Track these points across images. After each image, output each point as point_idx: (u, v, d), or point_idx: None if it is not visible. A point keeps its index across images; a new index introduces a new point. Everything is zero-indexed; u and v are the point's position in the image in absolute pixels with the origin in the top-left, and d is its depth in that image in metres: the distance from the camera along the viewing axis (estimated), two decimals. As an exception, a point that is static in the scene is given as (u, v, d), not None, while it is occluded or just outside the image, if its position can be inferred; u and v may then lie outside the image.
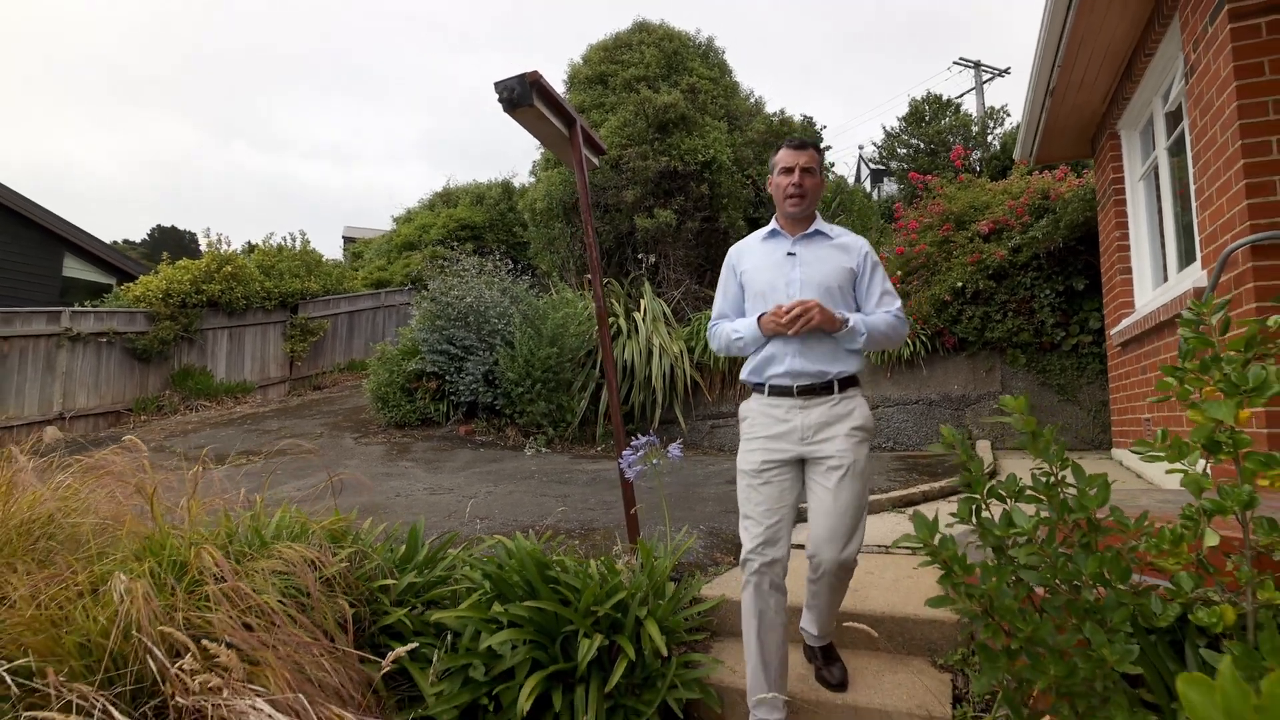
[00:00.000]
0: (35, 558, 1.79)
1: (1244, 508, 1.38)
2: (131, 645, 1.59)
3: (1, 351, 8.36)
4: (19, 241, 14.05)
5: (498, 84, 2.52)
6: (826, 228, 2.24)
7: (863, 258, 2.20)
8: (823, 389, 2.08)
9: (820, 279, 2.13)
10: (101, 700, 1.36)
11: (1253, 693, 0.55)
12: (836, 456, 2.01)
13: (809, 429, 2.05)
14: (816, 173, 2.18)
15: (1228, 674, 0.56)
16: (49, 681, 1.39)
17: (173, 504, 2.11)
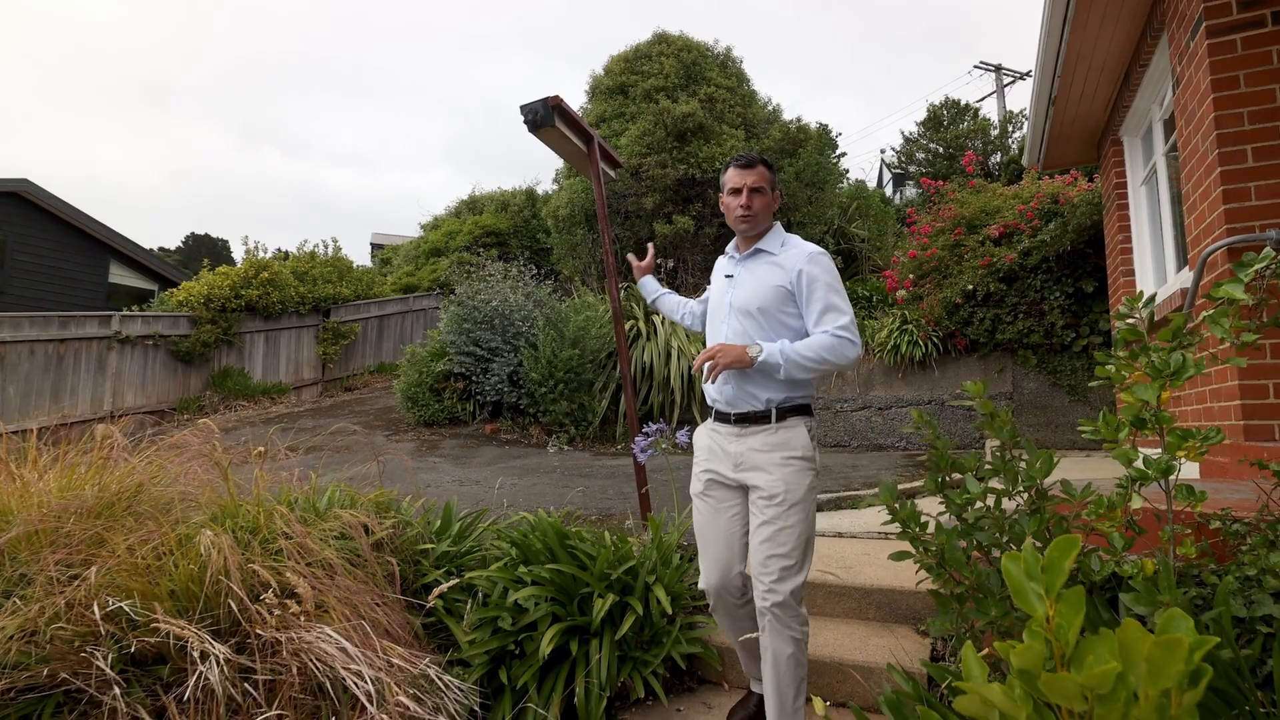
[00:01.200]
0: (130, 520, 2.10)
1: (1163, 475, 1.60)
2: (215, 590, 1.88)
3: (59, 353, 8.87)
4: (69, 249, 14.76)
5: (523, 107, 2.80)
6: (774, 244, 2.13)
7: (797, 274, 2.03)
8: (759, 418, 2.01)
9: (748, 301, 2.08)
10: (196, 631, 1.65)
11: (1039, 557, 0.78)
12: (767, 487, 1.95)
13: (742, 456, 2.00)
14: (766, 191, 2.12)
15: (1029, 550, 0.80)
16: (155, 615, 1.69)
17: (236, 481, 2.41)
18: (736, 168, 2.14)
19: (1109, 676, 0.68)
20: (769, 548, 1.92)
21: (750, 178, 2.10)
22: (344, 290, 12.50)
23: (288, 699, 1.67)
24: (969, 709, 0.77)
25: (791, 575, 1.92)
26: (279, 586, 1.75)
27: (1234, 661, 1.44)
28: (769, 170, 2.15)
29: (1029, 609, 0.77)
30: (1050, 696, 0.71)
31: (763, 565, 1.92)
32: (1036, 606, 0.77)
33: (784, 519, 1.93)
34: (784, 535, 1.92)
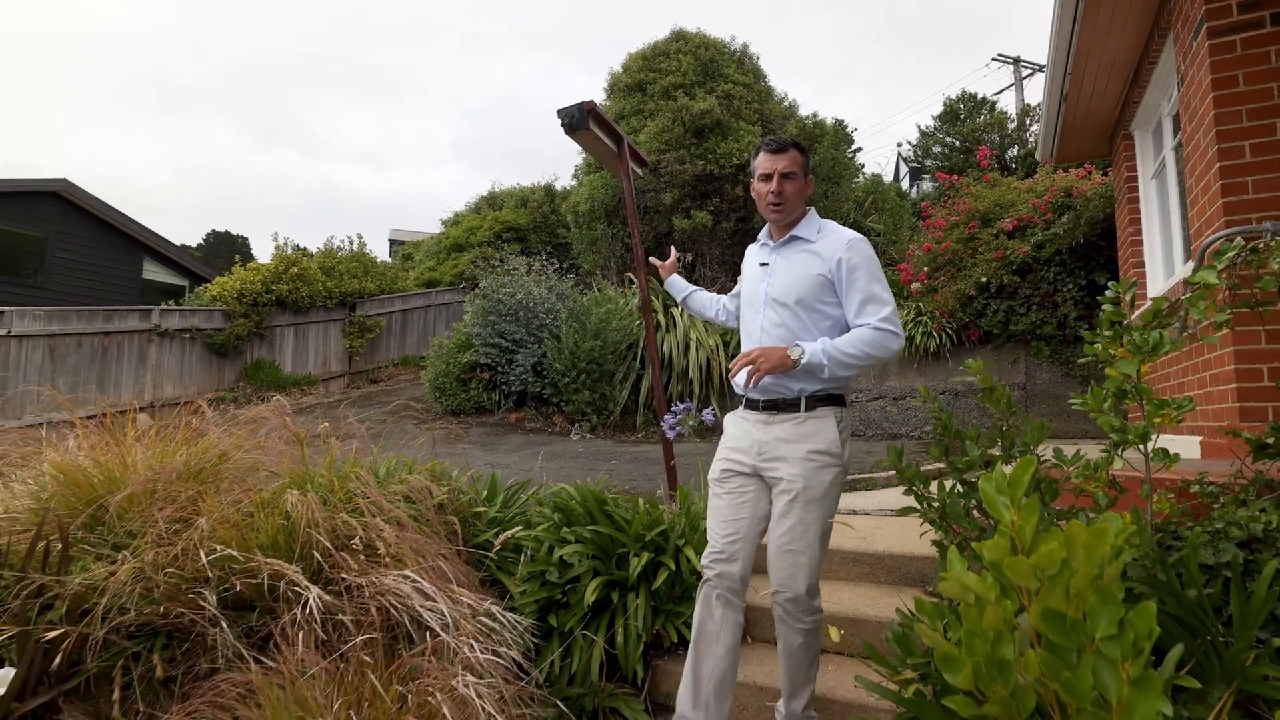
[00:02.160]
0: (221, 483, 2.37)
1: (1141, 439, 1.81)
2: (301, 542, 2.15)
3: (104, 345, 9.26)
4: (106, 247, 15.25)
5: (560, 111, 3.03)
6: (810, 230, 2.07)
7: (836, 263, 1.98)
8: (788, 406, 1.96)
9: (785, 292, 2.02)
10: (295, 570, 1.91)
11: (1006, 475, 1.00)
12: (787, 480, 1.90)
13: (766, 445, 1.96)
14: (799, 176, 2.03)
15: (999, 471, 1.02)
16: (257, 558, 1.95)
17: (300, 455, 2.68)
18: (767, 152, 2.04)
19: (1055, 558, 0.90)
20: (783, 542, 1.88)
21: (781, 163, 2.01)
22: (369, 285, 12.84)
23: (369, 635, 1.92)
24: (950, 592, 0.99)
25: (804, 570, 1.87)
26: (358, 539, 2.01)
27: (1199, 599, 1.66)
28: (801, 154, 2.06)
29: (998, 516, 0.99)
30: (1012, 578, 0.93)
31: (777, 559, 1.89)
32: (1003, 513, 0.99)
33: (802, 514, 1.88)
34: (798, 531, 1.87)
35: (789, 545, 1.88)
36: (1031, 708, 0.93)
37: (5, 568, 2.13)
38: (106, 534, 2.37)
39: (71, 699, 2.12)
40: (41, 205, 14.62)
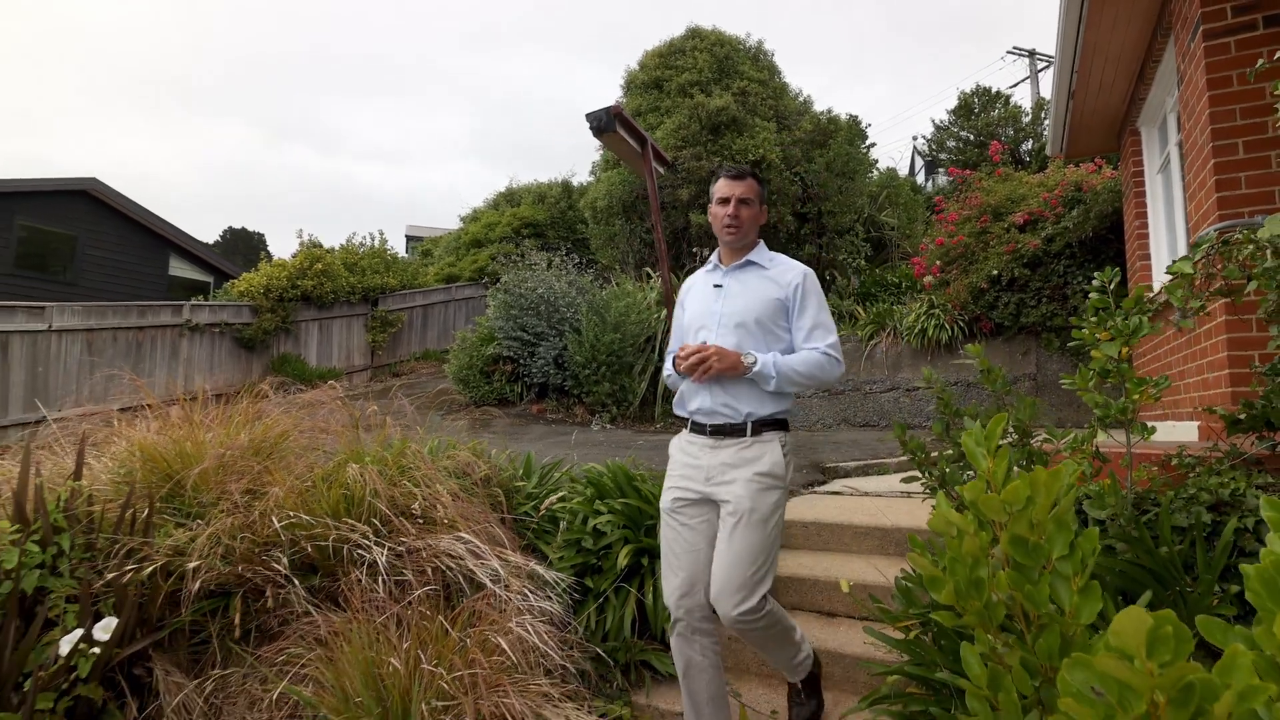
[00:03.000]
0: (285, 458, 2.61)
1: (1122, 414, 2.01)
2: (360, 510, 2.38)
3: (138, 340, 9.62)
4: (134, 245, 15.67)
5: (589, 115, 3.24)
6: (764, 258, 2.17)
7: (793, 289, 2.09)
8: (735, 430, 2.02)
9: (740, 312, 2.07)
10: (364, 530, 2.15)
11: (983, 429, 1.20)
12: (734, 502, 1.95)
13: (714, 469, 2.01)
14: (754, 203, 2.13)
15: (976, 427, 1.23)
16: (327, 522, 2.19)
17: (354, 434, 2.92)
18: (726, 178, 2.14)
19: (1020, 495, 1.10)
20: (730, 568, 1.92)
21: (739, 189, 2.11)
22: (391, 280, 13.13)
23: (425, 591, 2.16)
24: (937, 526, 1.19)
25: (751, 592, 1.91)
26: (416, 505, 2.24)
27: (1169, 555, 1.86)
28: (758, 184, 2.17)
29: (976, 464, 1.20)
30: (986, 513, 1.14)
31: (725, 580, 1.91)
32: (980, 461, 1.20)
33: (745, 538, 1.92)
34: (744, 555, 1.92)
35: (736, 565, 1.92)
36: (1001, 618, 1.13)
37: (99, 532, 2.39)
38: (183, 505, 2.63)
39: (159, 648, 2.37)
40: (72, 204, 15.05)
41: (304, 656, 2.08)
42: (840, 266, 9.55)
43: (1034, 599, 1.09)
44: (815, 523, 3.15)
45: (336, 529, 2.19)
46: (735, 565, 1.91)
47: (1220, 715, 0.70)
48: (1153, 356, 5.05)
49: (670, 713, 2.24)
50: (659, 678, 2.40)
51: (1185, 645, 0.69)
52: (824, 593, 2.73)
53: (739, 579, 1.91)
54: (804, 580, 2.78)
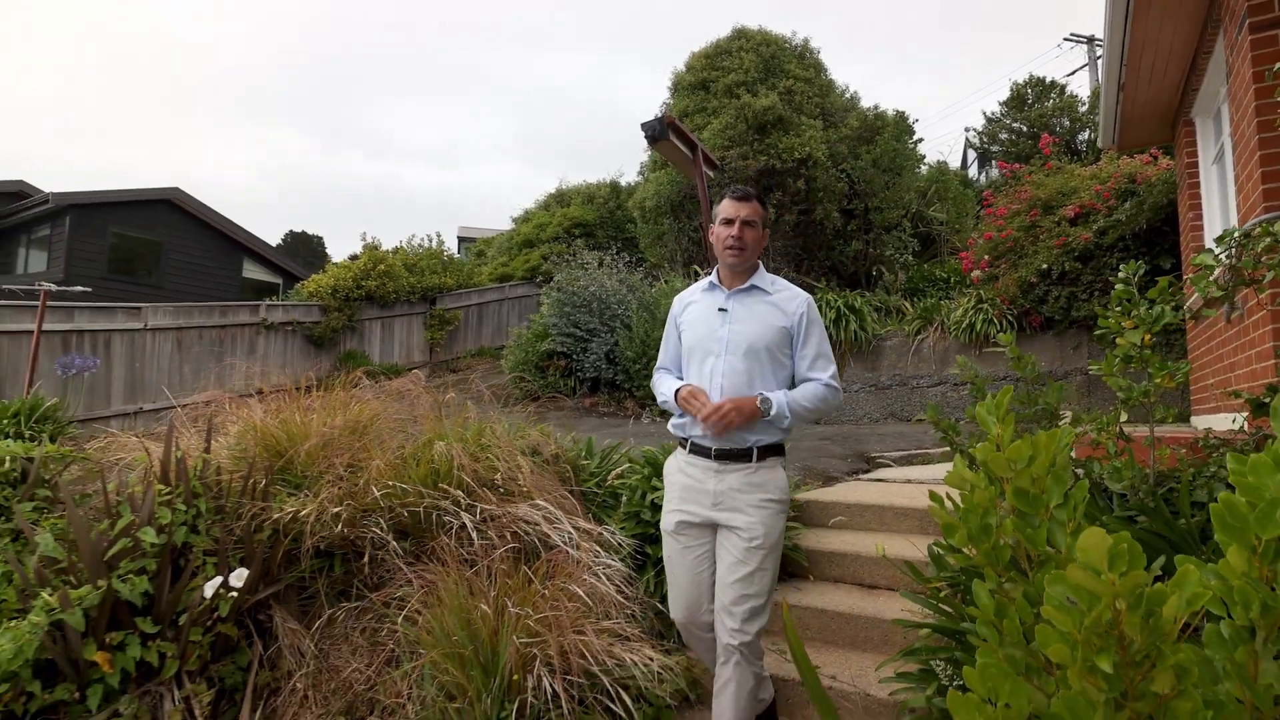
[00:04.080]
0: (379, 437, 2.95)
1: (1144, 396, 2.17)
2: (446, 482, 2.70)
3: (220, 337, 10.33)
4: (211, 249, 16.68)
5: (644, 124, 3.50)
6: (766, 282, 2.19)
7: (798, 317, 2.12)
8: (741, 455, 2.03)
9: (749, 339, 2.07)
10: (454, 496, 2.45)
11: (994, 400, 1.41)
12: (745, 529, 1.97)
13: (721, 494, 2.02)
14: (758, 225, 2.14)
15: (988, 399, 1.43)
16: (422, 490, 2.50)
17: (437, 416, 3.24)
18: (732, 199, 2.14)
19: (1023, 453, 1.31)
20: (741, 588, 1.94)
21: (745, 210, 2.12)
22: (448, 280, 13.68)
23: (506, 550, 2.45)
24: (953, 482, 1.41)
25: (759, 616, 1.97)
26: (499, 476, 2.54)
27: (1186, 526, 2.02)
28: (763, 207, 2.19)
29: (987, 428, 1.41)
30: (994, 470, 1.35)
31: (733, 604, 1.94)
32: (992, 427, 1.41)
33: (759, 562, 1.96)
34: (757, 577, 1.96)
35: (747, 591, 1.95)
36: (1006, 558, 1.34)
37: (227, 498, 2.76)
38: (291, 477, 2.99)
39: (276, 599, 2.74)
40: (156, 212, 16.12)
41: (406, 601, 2.40)
42: (887, 262, 9.59)
43: (1034, 541, 1.30)
44: (857, 504, 3.34)
45: (429, 497, 2.51)
46: (741, 584, 1.95)
47: (1168, 617, 0.92)
48: (1206, 349, 5.03)
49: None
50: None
51: (1139, 560, 0.91)
52: (864, 567, 2.93)
53: (747, 599, 1.95)
54: (846, 555, 2.98)
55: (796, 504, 3.32)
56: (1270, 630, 0.99)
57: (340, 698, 2.51)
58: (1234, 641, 1.00)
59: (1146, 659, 0.97)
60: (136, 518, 2.42)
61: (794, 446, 5.47)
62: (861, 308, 8.26)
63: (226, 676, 2.48)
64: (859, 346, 8.32)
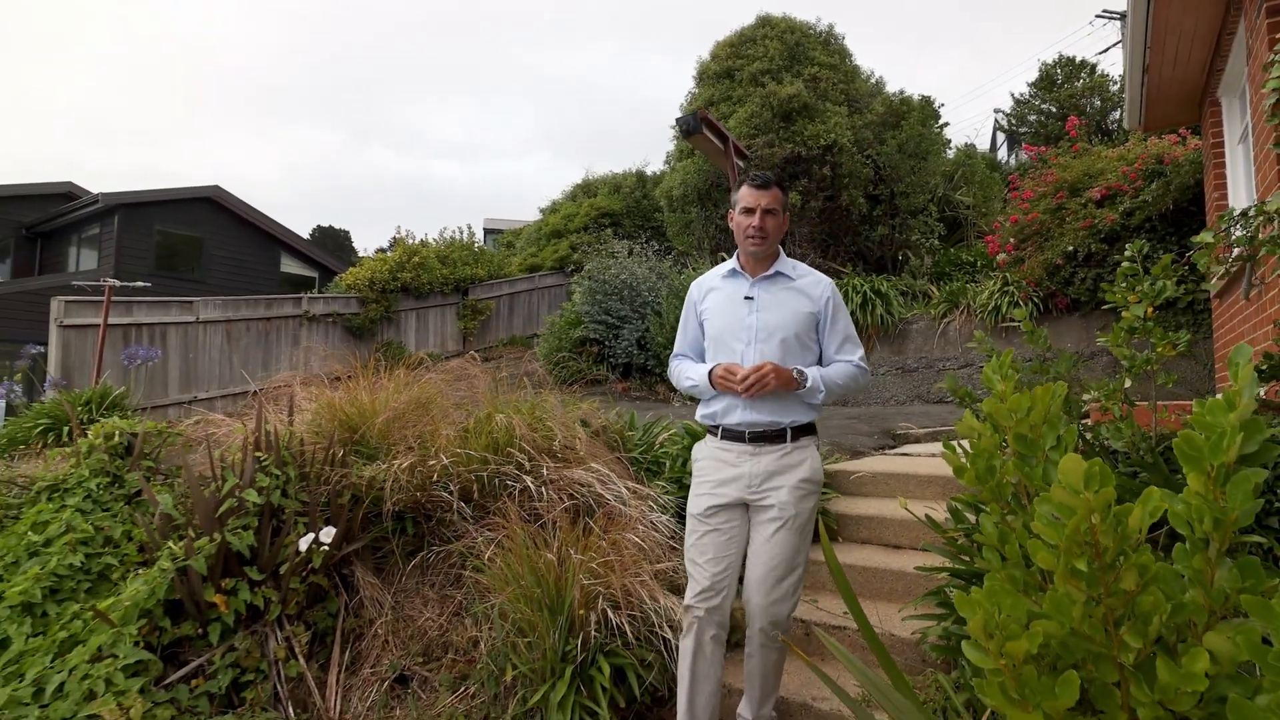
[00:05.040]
0: (443, 413, 3.25)
1: (1146, 364, 2.36)
2: (506, 452, 2.98)
3: (265, 330, 10.80)
4: (250, 245, 17.26)
5: (679, 119, 3.73)
6: (789, 267, 2.19)
7: (824, 302, 2.14)
8: (775, 436, 2.05)
9: (777, 325, 2.09)
10: (517, 462, 2.74)
11: (1000, 360, 1.64)
12: (779, 508, 1.99)
13: (756, 477, 2.03)
14: (779, 213, 2.14)
15: (995, 359, 1.66)
16: (486, 456, 2.79)
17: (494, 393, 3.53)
18: (751, 187, 2.13)
19: (1023, 405, 1.54)
20: (773, 569, 1.98)
21: (765, 199, 2.11)
22: (479, 271, 14.04)
23: (564, 508, 2.73)
24: (963, 431, 1.64)
25: (788, 592, 2.00)
26: (557, 442, 2.82)
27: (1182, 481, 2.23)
28: (783, 193, 2.17)
29: (992, 385, 1.63)
30: (998, 419, 1.58)
31: (764, 585, 1.97)
32: (996, 383, 1.63)
33: (790, 542, 1.99)
34: (789, 559, 1.99)
35: (777, 570, 1.98)
36: (1008, 494, 1.57)
37: (310, 466, 3.08)
38: (363, 449, 3.30)
39: (356, 556, 3.05)
40: (197, 210, 16.73)
41: (475, 554, 2.70)
42: (914, 247, 9.69)
43: (1031, 478, 1.53)
44: (884, 473, 3.56)
45: (492, 463, 2.79)
46: (779, 564, 1.99)
47: (1133, 526, 1.16)
48: (1228, 327, 5.12)
49: (759, 615, 2.75)
50: (749, 590, 2.92)
51: (1109, 480, 1.15)
52: (889, 529, 3.16)
53: (779, 576, 1.99)
54: (872, 518, 3.22)
55: (825, 474, 3.56)
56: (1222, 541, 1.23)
57: (417, 642, 2.82)
58: (1193, 551, 1.24)
59: (1116, 561, 1.21)
60: (240, 481, 2.74)
61: (823, 426, 5.68)
62: (887, 292, 8.40)
63: (319, 621, 2.80)
64: (885, 330, 8.47)
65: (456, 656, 2.71)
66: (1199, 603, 1.26)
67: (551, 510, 2.71)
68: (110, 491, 3.08)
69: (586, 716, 2.21)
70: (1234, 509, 1.23)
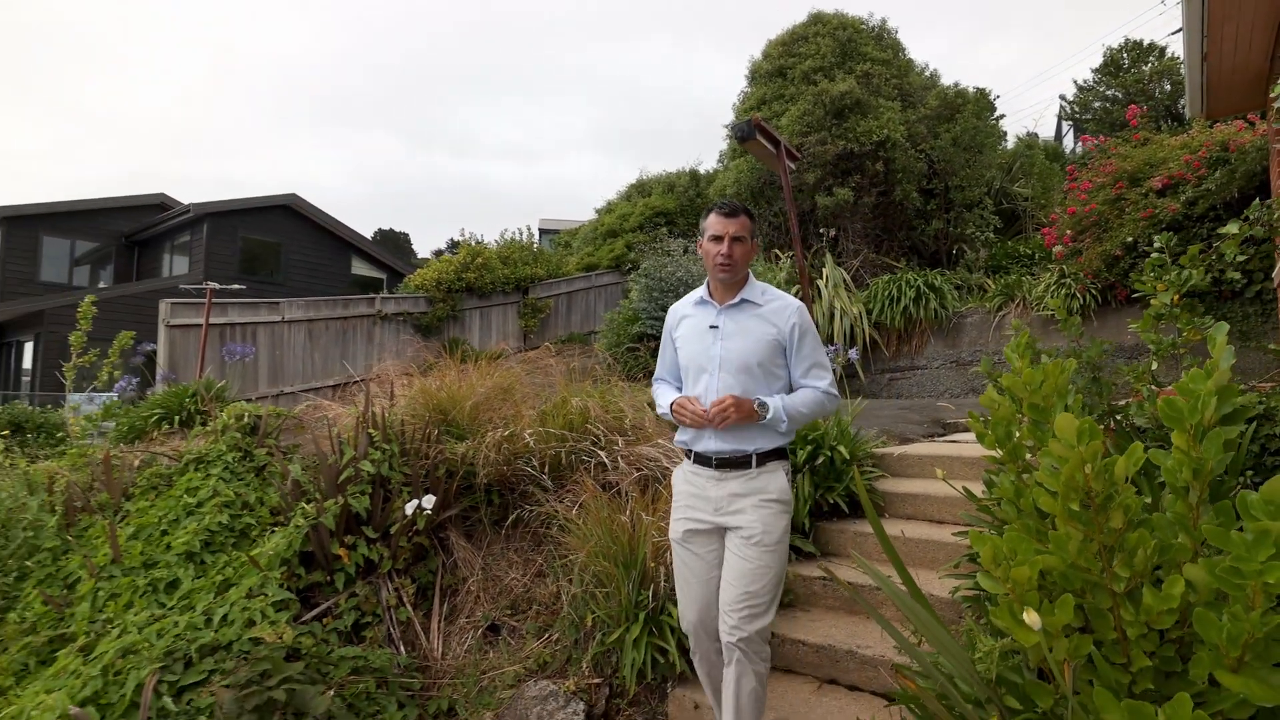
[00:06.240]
0: (523, 397, 3.65)
1: (1172, 347, 2.56)
2: (581, 431, 3.34)
3: (343, 328, 11.55)
4: (324, 249, 18.28)
5: (733, 126, 4.02)
6: (757, 294, 2.20)
7: (790, 328, 2.14)
8: (740, 462, 2.09)
9: (740, 355, 2.11)
10: (595, 439, 3.10)
11: (1020, 344, 1.88)
12: (745, 527, 2.04)
13: (724, 499, 2.08)
14: (747, 240, 2.15)
15: (1014, 340, 1.91)
16: (565, 434, 3.17)
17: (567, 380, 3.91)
18: (719, 215, 2.15)
19: (1036, 378, 1.80)
20: (741, 585, 2.00)
21: (733, 226, 2.12)
22: (538, 271, 14.57)
23: (634, 480, 3.07)
24: (985, 402, 1.90)
25: (760, 615, 2.00)
26: (627, 422, 3.17)
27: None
28: (750, 220, 2.18)
29: (1012, 363, 1.89)
30: (1015, 392, 1.84)
31: (733, 603, 2.00)
32: (1015, 361, 1.89)
33: (758, 559, 2.01)
34: (757, 574, 2.00)
35: (747, 588, 2.00)
36: (1024, 455, 1.83)
37: (409, 444, 3.51)
38: (453, 429, 3.72)
39: (450, 523, 3.47)
40: (275, 217, 17.83)
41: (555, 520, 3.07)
42: (969, 240, 9.68)
43: (1042, 441, 1.78)
44: (930, 455, 3.78)
45: (569, 440, 3.16)
46: (749, 582, 1.99)
47: (1119, 474, 1.43)
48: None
49: (811, 578, 3.02)
50: (801, 556, 3.19)
51: (1097, 435, 1.41)
52: (932, 505, 3.39)
53: (751, 595, 1.99)
54: (916, 496, 3.45)
55: (875, 457, 3.80)
56: (1201, 489, 1.50)
57: (504, 597, 3.21)
58: (1176, 498, 1.51)
59: (1106, 503, 1.48)
60: (356, 454, 3.19)
61: (874, 415, 5.87)
62: (941, 286, 8.46)
63: (421, 577, 3.23)
64: (939, 324, 8.53)
65: (540, 609, 3.09)
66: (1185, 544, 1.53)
67: (623, 480, 3.05)
68: (242, 464, 3.58)
69: (658, 655, 2.55)
70: (1209, 460, 1.50)
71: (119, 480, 3.49)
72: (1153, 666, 1.52)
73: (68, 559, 3.13)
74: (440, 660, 2.97)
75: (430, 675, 2.90)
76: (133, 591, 2.85)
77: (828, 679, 2.59)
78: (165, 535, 3.12)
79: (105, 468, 3.48)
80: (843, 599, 2.93)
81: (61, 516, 3.32)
